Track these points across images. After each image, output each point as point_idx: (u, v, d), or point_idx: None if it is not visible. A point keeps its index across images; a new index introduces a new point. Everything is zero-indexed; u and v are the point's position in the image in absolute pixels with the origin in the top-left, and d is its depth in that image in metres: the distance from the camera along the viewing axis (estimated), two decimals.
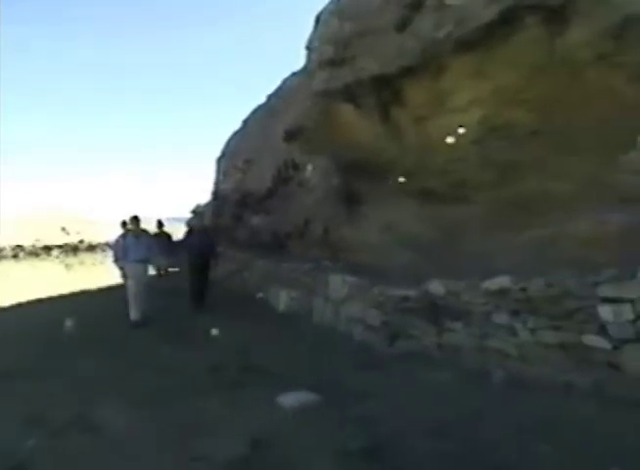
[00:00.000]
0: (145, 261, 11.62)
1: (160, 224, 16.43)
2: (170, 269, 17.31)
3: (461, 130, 8.64)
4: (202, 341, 9.24)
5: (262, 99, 19.43)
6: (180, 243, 14.63)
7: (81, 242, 57.37)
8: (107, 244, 47.24)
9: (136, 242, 11.43)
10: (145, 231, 12.19)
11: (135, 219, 11.75)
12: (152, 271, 11.98)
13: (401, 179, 10.20)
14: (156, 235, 14.71)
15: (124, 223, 13.76)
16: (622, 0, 6.14)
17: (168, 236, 16.32)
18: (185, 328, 10.25)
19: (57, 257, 47.24)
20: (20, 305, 14.92)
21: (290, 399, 5.84)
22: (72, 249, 53.52)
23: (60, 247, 53.32)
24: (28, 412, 5.80)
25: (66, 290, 17.55)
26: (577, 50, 6.83)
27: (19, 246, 50.22)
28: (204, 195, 46.29)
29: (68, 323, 10.85)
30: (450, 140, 8.73)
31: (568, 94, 7.29)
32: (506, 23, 6.98)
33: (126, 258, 11.37)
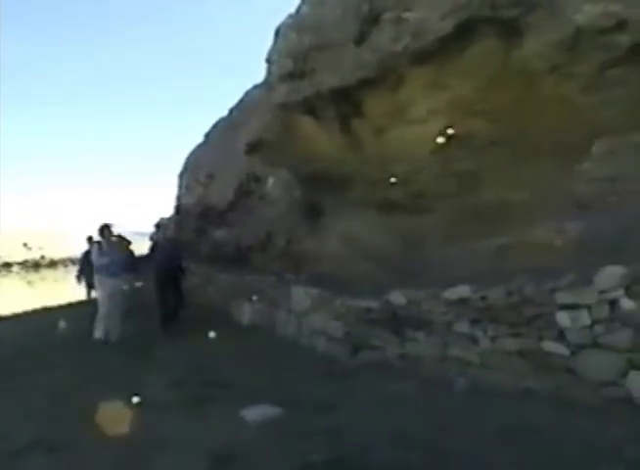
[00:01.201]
0: (120, 276, 10.44)
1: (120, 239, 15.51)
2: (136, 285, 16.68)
3: (440, 139, 8.70)
4: (166, 356, 9.13)
5: (224, 112, 19.36)
6: (145, 258, 13.76)
7: (42, 258, 56.54)
8: (70, 259, 46.61)
9: (110, 254, 10.34)
10: (117, 242, 11.12)
11: (107, 228, 10.60)
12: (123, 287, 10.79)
13: (392, 180, 10.14)
14: None
15: (90, 239, 13.33)
16: (573, 13, 6.28)
17: (130, 251, 15.49)
18: (149, 343, 10.07)
19: (17, 273, 46.48)
20: None
21: (253, 413, 5.78)
22: (34, 265, 52.73)
23: (21, 263, 52.48)
24: None
25: (27, 307, 17.21)
26: (532, 61, 6.97)
27: None
28: (167, 209, 45.89)
29: (62, 325, 10.68)
30: (440, 140, 8.72)
31: (524, 104, 7.43)
32: (462, 35, 7.09)
33: (100, 272, 10.26)
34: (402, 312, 7.42)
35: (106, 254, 10.32)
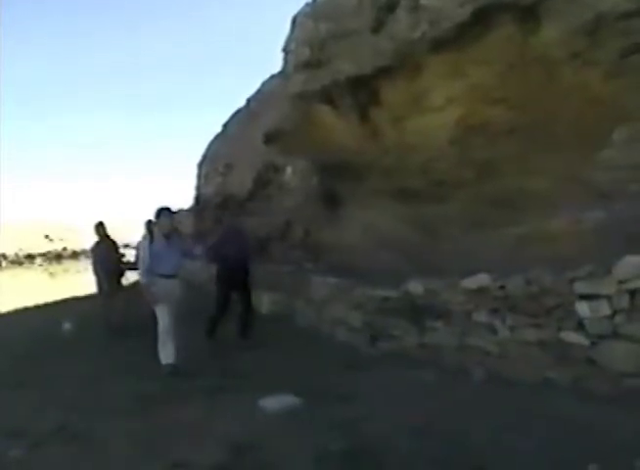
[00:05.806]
0: (177, 275, 7.90)
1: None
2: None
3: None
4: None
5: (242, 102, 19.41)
6: (210, 249, 10.21)
7: (65, 249, 57.17)
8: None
9: (168, 247, 7.66)
10: (177, 230, 8.60)
11: (168, 212, 7.82)
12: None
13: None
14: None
15: (100, 225, 11.33)
16: None
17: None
18: None
19: (40, 265, 47.05)
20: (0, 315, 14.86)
21: (272, 403, 5.79)
22: (56, 256, 53.38)
23: (43, 255, 53.13)
24: (10, 423, 5.75)
25: (49, 298, 17.46)
26: (551, 48, 6.87)
27: (1, 255, 50.03)
28: (187, 199, 46.14)
29: (66, 326, 10.68)
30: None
31: (543, 91, 7.34)
32: (479, 22, 7.01)
33: (156, 270, 7.50)
34: (421, 302, 7.41)
35: (161, 246, 7.66)
